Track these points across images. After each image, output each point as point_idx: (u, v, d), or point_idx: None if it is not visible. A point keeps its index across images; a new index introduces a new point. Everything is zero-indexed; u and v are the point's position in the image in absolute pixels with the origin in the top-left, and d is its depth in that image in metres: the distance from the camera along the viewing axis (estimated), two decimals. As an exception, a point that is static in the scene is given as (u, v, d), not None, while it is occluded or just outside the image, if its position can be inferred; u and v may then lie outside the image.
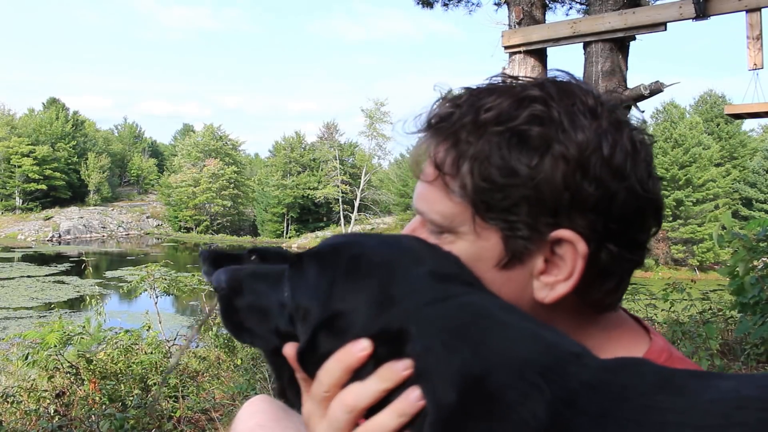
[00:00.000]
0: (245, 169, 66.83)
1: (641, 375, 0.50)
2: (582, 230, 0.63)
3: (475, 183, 0.63)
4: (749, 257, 3.04)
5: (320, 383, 0.58)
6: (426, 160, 0.69)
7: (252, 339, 0.68)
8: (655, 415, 0.46)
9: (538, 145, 0.62)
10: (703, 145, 40.06)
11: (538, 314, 0.62)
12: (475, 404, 0.49)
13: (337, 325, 0.57)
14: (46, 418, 4.36)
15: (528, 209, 0.63)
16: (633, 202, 0.64)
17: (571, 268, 0.64)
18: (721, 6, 4.52)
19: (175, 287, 7.97)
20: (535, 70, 5.29)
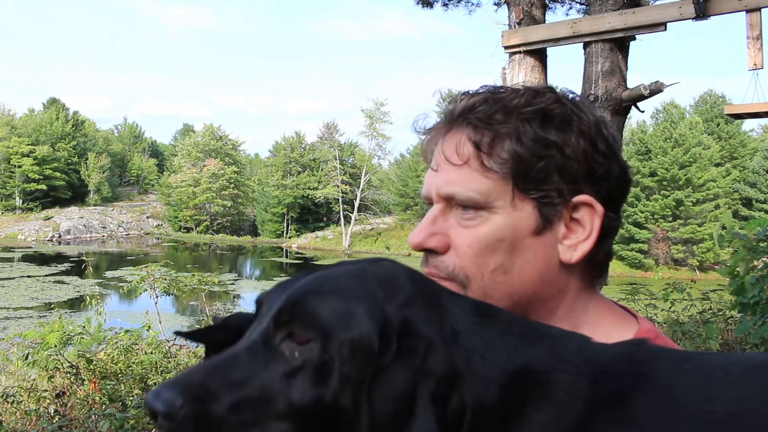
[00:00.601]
0: (245, 169, 66.81)
1: (657, 354, 0.55)
2: (594, 196, 0.74)
3: (515, 156, 0.72)
4: (749, 257, 3.04)
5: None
6: (447, 149, 0.76)
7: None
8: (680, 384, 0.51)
9: (562, 121, 0.73)
10: (703, 145, 40.04)
11: (563, 277, 0.76)
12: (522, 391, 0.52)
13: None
14: (46, 418, 4.36)
15: (558, 177, 0.73)
16: (621, 174, 0.77)
17: (590, 227, 0.74)
18: (721, 6, 4.52)
19: (175, 287, 7.97)
20: (535, 70, 5.29)
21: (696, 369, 0.52)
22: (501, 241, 0.73)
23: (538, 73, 5.32)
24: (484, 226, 0.73)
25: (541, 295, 0.75)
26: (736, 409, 0.47)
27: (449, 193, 0.74)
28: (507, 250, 0.73)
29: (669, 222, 38.45)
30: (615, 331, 0.78)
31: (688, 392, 0.49)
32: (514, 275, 0.74)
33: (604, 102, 4.79)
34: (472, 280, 0.73)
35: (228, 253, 49.56)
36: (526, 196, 0.72)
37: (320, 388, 0.51)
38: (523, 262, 0.74)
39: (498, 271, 0.73)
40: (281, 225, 56.50)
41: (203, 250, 49.97)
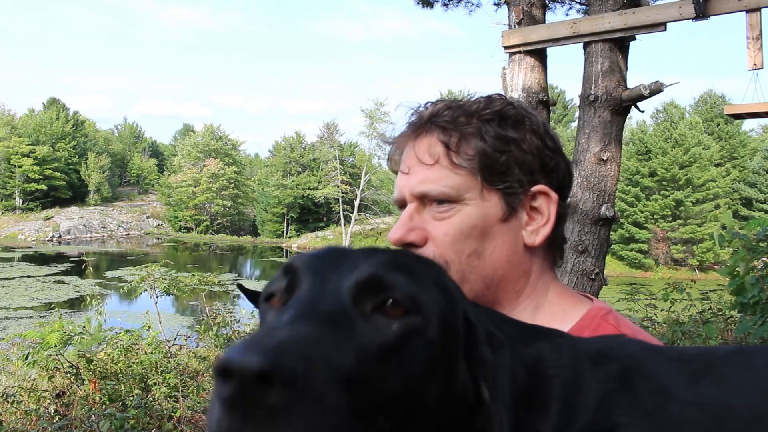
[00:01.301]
0: (245, 169, 66.80)
1: (642, 347, 0.60)
2: (548, 186, 0.84)
3: (480, 152, 0.81)
4: (749, 257, 3.04)
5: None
6: (419, 151, 0.84)
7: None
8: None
9: (516, 121, 0.83)
10: (703, 145, 40.03)
11: (527, 260, 0.84)
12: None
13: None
14: (46, 418, 4.36)
15: (518, 170, 0.82)
16: (567, 168, 0.88)
17: (548, 213, 0.84)
18: (721, 6, 4.52)
19: (175, 287, 7.96)
20: (534, 69, 5.29)
21: (678, 359, 0.56)
22: (473, 228, 0.81)
23: (538, 73, 5.32)
24: (457, 217, 0.81)
25: (510, 277, 0.84)
26: (719, 390, 0.52)
27: (423, 191, 0.82)
28: (479, 237, 0.81)
29: (669, 222, 38.44)
30: (570, 309, 0.86)
31: (676, 378, 0.54)
32: (486, 259, 0.82)
33: (604, 102, 4.79)
34: (450, 265, 0.81)
35: (228, 253, 49.55)
36: (492, 188, 0.82)
37: (420, 360, 0.49)
38: (494, 247, 0.82)
39: (472, 255, 0.81)
40: (281, 225, 56.49)
41: (203, 250, 49.95)
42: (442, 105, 0.86)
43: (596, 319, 0.84)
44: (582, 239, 4.76)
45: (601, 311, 0.86)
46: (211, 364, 4.35)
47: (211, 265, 36.78)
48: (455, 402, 0.53)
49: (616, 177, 4.94)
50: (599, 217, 4.77)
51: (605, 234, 4.87)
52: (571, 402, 0.54)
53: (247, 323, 7.60)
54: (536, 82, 5.28)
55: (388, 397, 0.47)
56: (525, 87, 5.24)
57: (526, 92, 5.24)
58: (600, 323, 0.84)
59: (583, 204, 4.77)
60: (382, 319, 0.50)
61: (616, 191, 5.02)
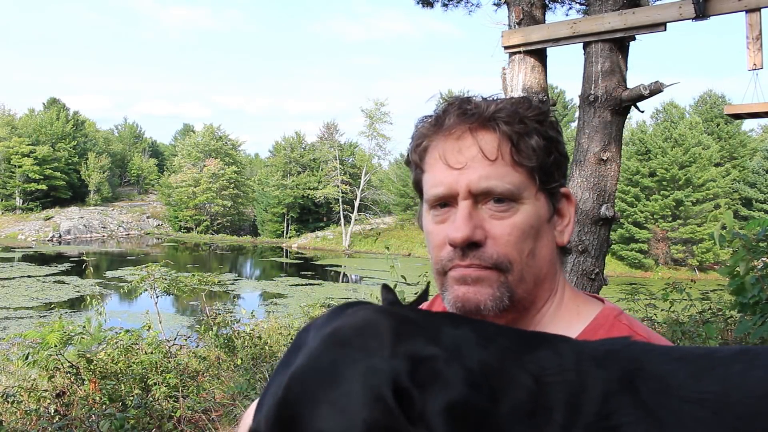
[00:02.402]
0: (245, 169, 66.78)
1: (646, 348, 0.60)
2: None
3: (537, 151, 0.81)
4: (749, 257, 3.04)
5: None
6: (484, 146, 0.81)
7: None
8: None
9: (554, 124, 0.86)
10: (703, 145, 40.02)
11: (557, 260, 0.87)
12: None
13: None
14: (46, 418, 4.36)
15: (557, 171, 0.85)
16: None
17: (570, 215, 0.87)
18: (721, 6, 4.52)
19: (176, 287, 7.96)
20: (535, 70, 5.29)
21: (683, 358, 0.57)
22: (532, 228, 0.82)
23: (538, 73, 5.32)
24: (518, 216, 0.81)
25: (549, 275, 0.86)
26: (720, 388, 0.52)
27: (488, 186, 0.80)
28: (534, 236, 0.82)
29: (669, 222, 38.44)
30: (584, 308, 0.88)
31: (679, 377, 0.54)
32: (538, 258, 0.83)
33: (604, 102, 4.79)
34: (513, 265, 0.80)
35: (228, 253, 49.55)
36: (542, 188, 0.83)
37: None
38: (542, 246, 0.84)
39: (530, 255, 0.82)
40: (281, 225, 56.48)
41: (203, 250, 49.95)
42: (500, 103, 0.84)
43: (610, 319, 0.85)
44: (582, 239, 4.76)
45: (614, 311, 0.87)
46: (211, 364, 4.34)
47: (211, 265, 36.78)
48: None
49: (616, 177, 4.94)
50: (599, 217, 4.77)
51: (605, 234, 4.87)
52: (574, 405, 0.54)
53: (247, 323, 7.60)
54: (536, 82, 5.28)
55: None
56: (525, 87, 5.24)
57: (526, 92, 5.24)
58: (614, 323, 0.85)
59: (583, 204, 4.77)
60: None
61: (616, 191, 5.02)
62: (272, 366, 5.68)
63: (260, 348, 6.51)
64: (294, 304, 18.73)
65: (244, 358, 6.13)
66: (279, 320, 9.49)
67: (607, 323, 0.84)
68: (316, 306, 8.15)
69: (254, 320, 7.82)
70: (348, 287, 30.12)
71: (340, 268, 39.54)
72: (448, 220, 0.82)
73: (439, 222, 0.84)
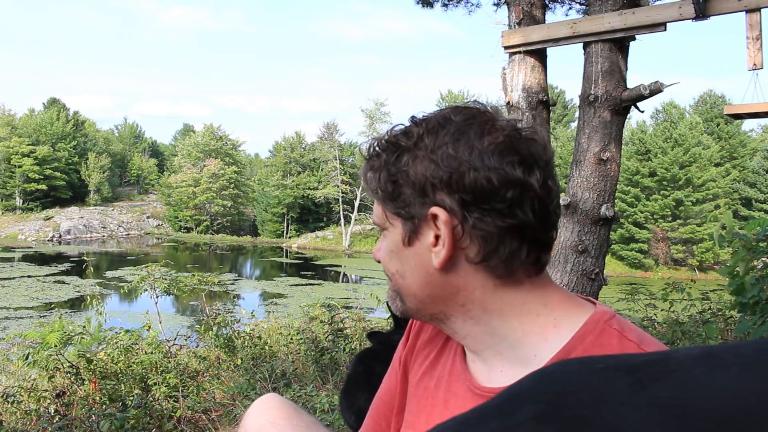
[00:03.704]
0: (245, 169, 66.80)
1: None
2: (446, 205, 0.82)
3: (378, 184, 0.87)
4: (749, 257, 3.04)
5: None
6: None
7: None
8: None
9: (407, 146, 0.85)
10: (703, 145, 40.04)
11: (452, 279, 0.84)
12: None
13: None
14: (46, 418, 4.36)
15: (408, 195, 0.84)
16: (480, 178, 0.81)
17: (444, 234, 0.83)
18: (721, 6, 4.52)
19: (176, 287, 7.96)
20: (535, 70, 5.30)
21: (625, 367, 0.50)
22: (391, 252, 0.89)
23: (538, 73, 5.32)
24: (384, 241, 0.91)
25: (439, 294, 0.87)
26: (681, 392, 0.45)
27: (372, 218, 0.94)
28: (396, 259, 0.89)
29: (669, 222, 38.45)
30: (565, 318, 0.84)
31: (620, 387, 0.47)
32: (408, 279, 0.88)
33: (604, 102, 4.79)
34: (389, 277, 0.92)
35: (228, 253, 49.57)
36: (393, 215, 0.87)
37: None
38: (409, 269, 0.88)
39: (397, 275, 0.90)
40: (281, 225, 56.49)
41: (203, 250, 49.97)
42: (377, 139, 0.92)
43: (599, 324, 0.82)
44: (582, 239, 4.77)
45: (605, 316, 0.83)
46: (211, 364, 4.35)
47: (211, 265, 36.80)
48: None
49: (616, 177, 4.94)
50: (599, 217, 4.77)
51: (605, 234, 4.87)
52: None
53: (247, 323, 7.59)
54: (536, 82, 5.28)
55: None
56: (525, 87, 5.25)
57: (526, 92, 5.24)
58: (603, 328, 0.82)
59: (583, 204, 4.78)
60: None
61: (616, 191, 5.02)
62: (272, 366, 5.68)
63: (260, 348, 6.51)
64: (294, 304, 18.74)
65: (244, 358, 6.13)
66: (279, 320, 9.48)
67: (597, 329, 0.81)
68: (316, 306, 8.14)
69: (254, 320, 7.81)
70: (348, 287, 30.14)
71: (340, 268, 39.55)
72: None
73: None
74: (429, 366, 0.98)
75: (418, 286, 0.87)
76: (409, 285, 0.89)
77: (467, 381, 0.89)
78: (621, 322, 0.83)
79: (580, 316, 0.84)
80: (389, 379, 1.07)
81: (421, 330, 1.04)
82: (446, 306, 0.87)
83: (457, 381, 0.91)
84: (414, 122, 0.89)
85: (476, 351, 0.88)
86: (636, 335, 0.81)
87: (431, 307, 0.89)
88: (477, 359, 0.89)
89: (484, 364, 0.88)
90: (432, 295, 0.87)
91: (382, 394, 1.08)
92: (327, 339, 6.29)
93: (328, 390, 4.99)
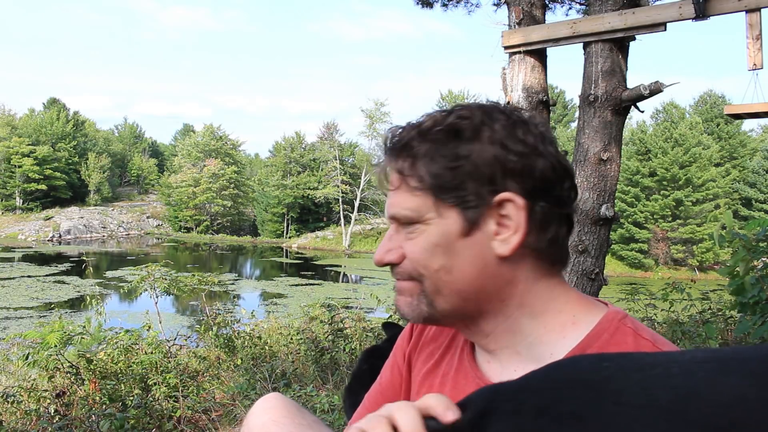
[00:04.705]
0: (245, 169, 66.79)
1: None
2: (516, 191, 0.81)
3: (430, 173, 0.82)
4: (749, 257, 3.04)
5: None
6: (390, 176, 0.88)
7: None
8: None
9: (470, 134, 0.83)
10: (703, 145, 40.03)
11: (508, 270, 0.83)
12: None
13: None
14: (46, 418, 4.36)
15: (473, 183, 0.81)
16: (549, 165, 0.83)
17: (516, 221, 0.81)
18: (721, 6, 4.52)
19: (176, 287, 7.95)
20: (535, 69, 5.29)
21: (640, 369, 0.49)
22: (437, 246, 0.83)
23: (538, 73, 5.32)
24: (422, 237, 0.84)
25: (488, 288, 0.84)
26: (676, 397, 0.45)
27: (392, 213, 0.87)
28: (444, 253, 0.83)
29: (669, 222, 38.45)
30: (582, 315, 0.85)
31: (621, 386, 0.47)
32: (456, 274, 0.83)
33: (604, 102, 4.79)
34: (424, 277, 0.85)
35: (228, 253, 49.56)
36: (448, 205, 0.83)
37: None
38: (461, 262, 0.83)
39: (441, 271, 0.84)
40: (281, 225, 56.48)
41: (203, 250, 49.96)
42: (399, 129, 0.89)
43: (614, 323, 0.83)
44: (582, 239, 4.76)
45: (618, 315, 0.85)
46: (211, 364, 4.35)
47: (211, 265, 36.80)
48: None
49: (616, 177, 4.94)
50: (599, 217, 4.77)
51: (605, 234, 4.87)
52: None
53: (247, 323, 7.59)
54: (536, 82, 5.28)
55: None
56: (525, 87, 5.24)
57: (526, 92, 5.24)
58: (618, 327, 0.83)
59: (583, 204, 4.78)
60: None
61: (616, 191, 5.02)
62: (272, 366, 5.68)
63: (260, 348, 6.51)
64: (294, 304, 18.73)
65: (244, 358, 6.13)
66: (279, 320, 9.48)
67: (611, 327, 0.83)
68: (316, 306, 8.13)
69: (254, 320, 7.81)
70: (348, 287, 30.12)
71: (340, 268, 39.54)
72: None
73: None
74: (434, 364, 0.98)
75: (469, 280, 0.83)
76: (455, 280, 0.83)
77: (477, 379, 0.89)
78: (634, 321, 0.84)
79: (595, 314, 0.85)
80: (392, 374, 1.07)
81: (425, 326, 1.04)
82: (488, 302, 0.85)
83: (465, 379, 0.91)
84: (459, 114, 0.85)
85: (493, 350, 0.88)
86: (650, 334, 0.82)
87: (471, 305, 0.85)
88: (492, 359, 0.89)
89: (499, 364, 0.88)
90: (480, 289, 0.84)
91: (383, 389, 1.08)
92: (327, 339, 6.29)
93: (328, 390, 4.99)
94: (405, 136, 0.87)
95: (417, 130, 0.86)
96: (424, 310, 0.86)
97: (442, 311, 0.86)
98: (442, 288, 0.84)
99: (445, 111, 0.87)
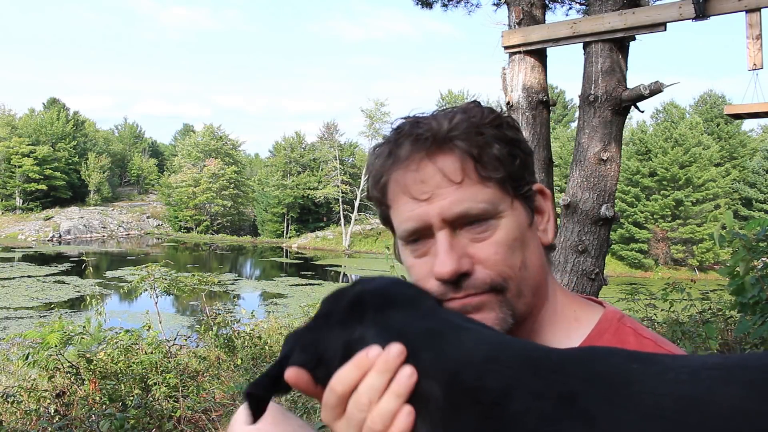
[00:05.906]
0: (245, 169, 66.77)
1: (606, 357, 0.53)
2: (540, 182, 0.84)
3: (501, 159, 0.76)
4: (749, 257, 3.04)
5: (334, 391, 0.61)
6: (446, 169, 0.75)
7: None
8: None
9: (512, 125, 0.81)
10: (703, 145, 40.02)
11: (546, 262, 0.83)
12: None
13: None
14: (46, 418, 4.36)
15: (525, 172, 0.80)
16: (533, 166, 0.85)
17: (548, 211, 0.83)
18: (721, 6, 4.52)
19: (176, 287, 7.96)
20: (535, 69, 5.29)
21: (645, 370, 0.51)
22: (516, 240, 0.77)
23: (538, 73, 5.32)
24: (500, 232, 0.76)
25: (542, 281, 0.81)
26: (679, 405, 0.46)
27: (461, 211, 0.74)
28: (521, 247, 0.78)
29: (669, 222, 38.44)
30: (581, 312, 0.84)
31: (638, 389, 0.48)
32: (530, 267, 0.79)
33: (604, 102, 4.79)
34: (509, 282, 0.76)
35: (228, 253, 49.54)
36: (516, 194, 0.79)
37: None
38: (531, 254, 0.79)
39: (522, 267, 0.77)
40: (281, 225, 56.47)
41: (203, 250, 49.95)
42: (446, 118, 0.78)
43: (613, 323, 0.82)
44: (582, 239, 4.76)
45: (616, 315, 0.84)
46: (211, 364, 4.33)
47: (211, 265, 36.79)
48: None
49: (616, 177, 4.94)
50: (599, 217, 4.77)
51: (605, 234, 4.87)
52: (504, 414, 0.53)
53: (247, 323, 7.60)
54: (536, 82, 5.28)
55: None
56: (525, 87, 5.24)
57: (526, 92, 5.24)
58: (618, 327, 0.82)
59: (583, 204, 4.77)
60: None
61: (616, 191, 5.01)
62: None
63: (260, 348, 6.51)
64: (294, 304, 18.73)
65: (244, 358, 6.13)
66: (279, 320, 9.49)
67: (612, 327, 0.82)
68: (316, 306, 8.14)
69: (254, 320, 7.82)
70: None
71: (340, 268, 39.53)
72: (429, 253, 0.77)
73: (420, 256, 0.78)
74: None
75: (537, 272, 0.79)
76: (531, 276, 0.78)
77: None
78: (632, 321, 0.84)
79: (594, 313, 0.84)
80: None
81: None
82: (540, 297, 0.81)
83: None
84: (488, 109, 0.82)
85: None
86: (651, 334, 0.82)
87: (535, 300, 0.80)
88: None
89: None
90: (540, 283, 0.80)
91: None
92: (327, 339, 6.28)
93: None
94: (462, 124, 0.77)
95: (469, 120, 0.77)
96: (509, 322, 0.76)
97: (520, 316, 0.78)
98: (524, 288, 0.77)
99: (471, 106, 0.80)
